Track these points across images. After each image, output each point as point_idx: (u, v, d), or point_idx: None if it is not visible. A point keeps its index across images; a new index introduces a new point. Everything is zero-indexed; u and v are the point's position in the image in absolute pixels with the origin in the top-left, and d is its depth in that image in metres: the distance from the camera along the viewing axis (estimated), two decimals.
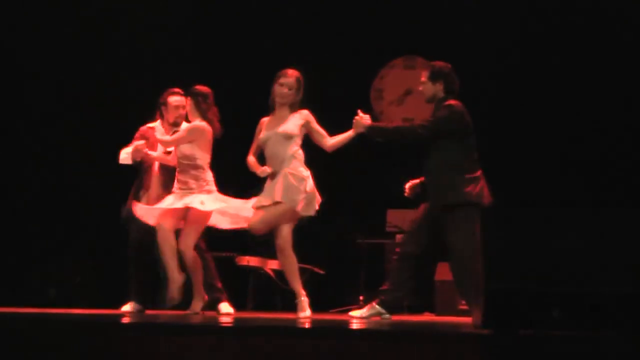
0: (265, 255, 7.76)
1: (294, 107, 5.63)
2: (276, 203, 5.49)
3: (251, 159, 5.71)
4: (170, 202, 5.88)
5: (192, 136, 5.91)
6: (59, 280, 8.00)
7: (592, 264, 3.64)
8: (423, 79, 5.71)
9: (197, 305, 5.96)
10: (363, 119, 5.59)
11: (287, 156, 5.55)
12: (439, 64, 5.72)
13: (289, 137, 5.56)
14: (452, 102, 5.62)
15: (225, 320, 4.93)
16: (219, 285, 6.21)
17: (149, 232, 5.99)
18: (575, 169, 7.80)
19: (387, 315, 5.56)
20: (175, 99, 6.27)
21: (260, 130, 5.71)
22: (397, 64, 8.86)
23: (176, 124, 6.19)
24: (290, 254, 5.58)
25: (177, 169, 6.01)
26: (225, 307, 6.07)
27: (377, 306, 5.57)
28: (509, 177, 7.95)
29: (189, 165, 5.93)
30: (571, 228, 3.75)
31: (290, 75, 5.61)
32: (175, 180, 6.00)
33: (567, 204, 5.93)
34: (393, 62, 8.81)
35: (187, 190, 5.90)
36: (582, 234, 3.72)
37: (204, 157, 5.94)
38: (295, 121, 5.60)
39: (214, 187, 5.97)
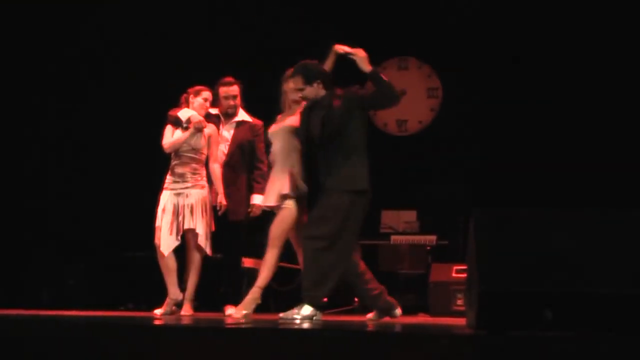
0: (259, 257, 7.75)
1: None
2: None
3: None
4: (169, 219, 5.90)
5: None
6: (52, 282, 8.01)
7: (584, 264, 3.65)
8: (299, 85, 5.44)
9: (188, 307, 5.97)
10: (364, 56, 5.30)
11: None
12: (307, 66, 5.48)
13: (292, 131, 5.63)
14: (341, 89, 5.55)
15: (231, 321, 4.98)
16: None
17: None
18: (567, 170, 7.80)
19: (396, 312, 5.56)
20: (222, 89, 6.24)
21: None
22: (390, 65, 8.86)
23: (228, 114, 6.22)
24: None
25: (175, 161, 6.00)
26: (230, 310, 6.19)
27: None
28: (502, 178, 7.97)
29: (193, 158, 5.95)
30: (563, 229, 3.75)
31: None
32: (170, 174, 6.00)
33: (559, 205, 5.92)
34: (386, 63, 8.81)
35: (182, 183, 5.93)
36: (574, 235, 3.72)
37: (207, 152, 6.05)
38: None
39: (206, 183, 6.03)
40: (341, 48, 5.38)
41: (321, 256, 5.18)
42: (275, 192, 5.59)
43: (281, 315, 5.38)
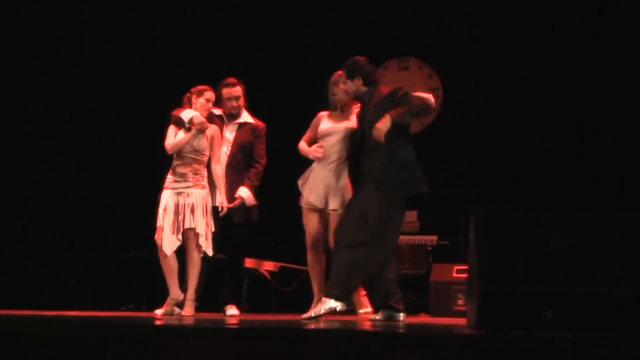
0: (261, 257, 7.76)
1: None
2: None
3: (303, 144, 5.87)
4: (171, 218, 5.89)
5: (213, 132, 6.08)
6: (52, 283, 8.01)
7: (584, 264, 3.65)
8: (343, 79, 5.56)
9: (189, 308, 5.96)
10: (380, 127, 5.27)
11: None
12: (353, 61, 5.55)
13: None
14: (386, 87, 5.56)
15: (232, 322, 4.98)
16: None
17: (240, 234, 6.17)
18: (568, 170, 7.80)
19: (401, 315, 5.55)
20: (225, 90, 6.23)
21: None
22: (391, 65, 8.85)
23: (231, 115, 6.22)
24: None
25: (177, 161, 5.99)
26: (231, 310, 6.19)
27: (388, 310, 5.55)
28: (503, 178, 7.97)
29: (195, 159, 5.96)
30: (563, 229, 3.75)
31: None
32: (171, 173, 6.00)
33: (559, 205, 5.94)
34: (387, 63, 8.81)
35: (183, 182, 5.93)
36: (574, 235, 3.72)
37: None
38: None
39: (206, 183, 6.02)
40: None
41: (352, 260, 5.26)
42: (324, 192, 5.68)
43: (304, 315, 5.42)
